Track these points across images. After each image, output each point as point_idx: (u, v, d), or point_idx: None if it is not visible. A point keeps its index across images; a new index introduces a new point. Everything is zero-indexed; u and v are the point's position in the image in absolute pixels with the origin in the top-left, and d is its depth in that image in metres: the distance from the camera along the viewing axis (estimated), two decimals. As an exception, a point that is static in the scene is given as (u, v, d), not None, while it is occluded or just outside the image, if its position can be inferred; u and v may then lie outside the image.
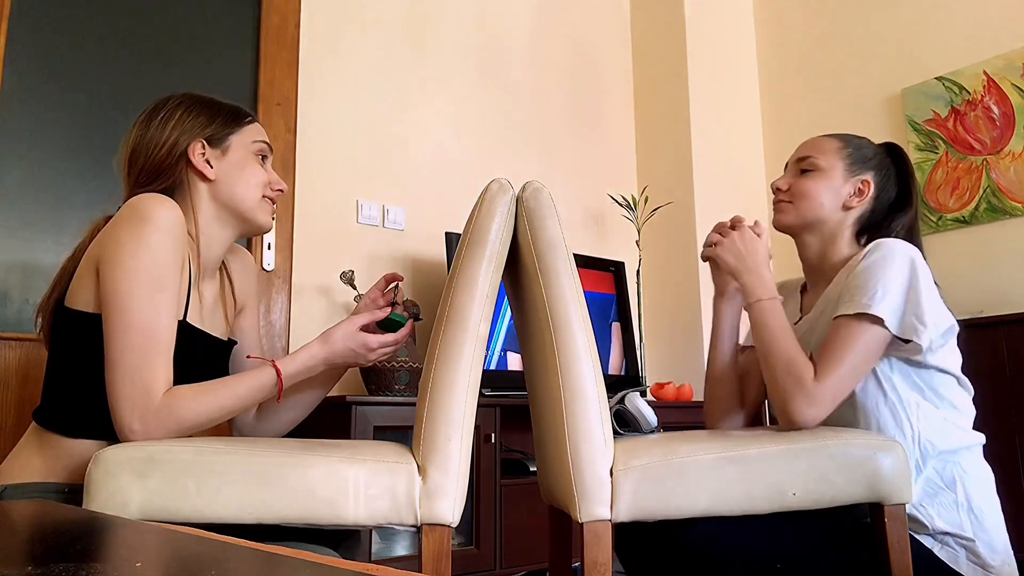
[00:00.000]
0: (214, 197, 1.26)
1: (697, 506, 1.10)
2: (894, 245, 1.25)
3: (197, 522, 0.98)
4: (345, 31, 2.92)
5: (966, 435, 1.28)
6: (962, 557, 1.20)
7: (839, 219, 1.40)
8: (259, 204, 1.29)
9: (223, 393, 1.15)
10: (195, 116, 1.26)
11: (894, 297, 1.20)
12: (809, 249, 1.44)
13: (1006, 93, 3.04)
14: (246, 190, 1.27)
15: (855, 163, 1.41)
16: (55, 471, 1.13)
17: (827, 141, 1.44)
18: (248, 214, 1.29)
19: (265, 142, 1.32)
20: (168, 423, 1.08)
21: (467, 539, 2.42)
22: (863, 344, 1.20)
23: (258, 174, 1.29)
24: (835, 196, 1.40)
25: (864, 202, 1.40)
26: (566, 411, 1.11)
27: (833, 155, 1.41)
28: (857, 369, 1.21)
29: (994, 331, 2.60)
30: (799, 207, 1.41)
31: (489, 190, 1.17)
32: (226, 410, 1.16)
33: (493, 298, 1.16)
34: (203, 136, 1.25)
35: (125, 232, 1.11)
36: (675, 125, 3.63)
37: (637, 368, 3.24)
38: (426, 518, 1.07)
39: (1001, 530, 1.24)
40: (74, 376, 1.16)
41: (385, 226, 2.90)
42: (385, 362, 2.43)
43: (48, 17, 2.31)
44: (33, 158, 2.22)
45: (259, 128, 1.33)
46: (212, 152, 1.26)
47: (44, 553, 0.52)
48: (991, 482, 1.28)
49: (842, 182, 1.40)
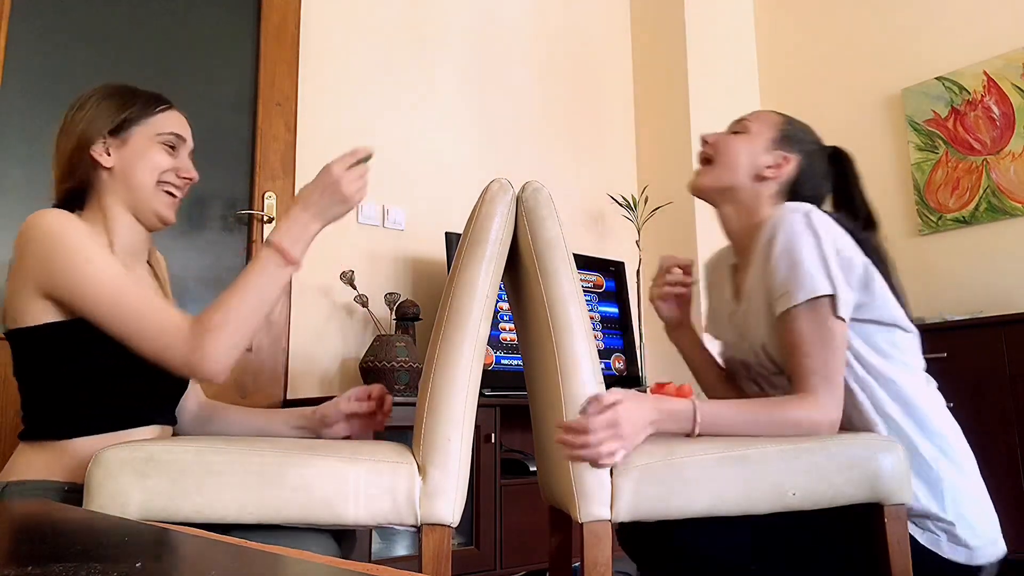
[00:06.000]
0: (113, 188, 1.25)
1: (697, 506, 1.10)
2: (789, 218, 1.22)
3: (197, 522, 0.98)
4: (345, 31, 2.92)
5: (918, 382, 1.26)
6: (943, 541, 1.18)
7: (754, 191, 1.36)
8: (153, 192, 1.25)
9: (238, 285, 1.16)
10: (103, 108, 1.25)
11: (820, 267, 1.19)
12: (729, 222, 1.40)
13: (1006, 93, 3.04)
14: (141, 176, 1.24)
15: (785, 138, 1.38)
16: (55, 471, 1.14)
17: (770, 114, 1.43)
18: (141, 203, 1.25)
19: (174, 133, 1.28)
20: (213, 336, 1.11)
21: (467, 539, 2.42)
22: (826, 329, 1.19)
23: (154, 161, 1.25)
24: (752, 161, 1.36)
25: (780, 179, 1.36)
26: (566, 411, 1.11)
27: (767, 124, 1.39)
28: (837, 354, 1.19)
29: (994, 331, 2.61)
30: (716, 168, 1.38)
31: (489, 190, 1.17)
32: (252, 297, 1.16)
33: (493, 298, 1.16)
34: (108, 128, 1.24)
35: (47, 258, 1.12)
36: (675, 125, 3.63)
37: (637, 368, 3.24)
38: (426, 518, 1.07)
39: (983, 509, 1.22)
40: (50, 384, 1.17)
41: (385, 226, 2.90)
42: (385, 362, 2.44)
43: (48, 17, 2.31)
44: (33, 158, 2.22)
45: (171, 118, 1.29)
46: (112, 142, 1.24)
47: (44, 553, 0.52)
48: (971, 460, 1.25)
49: (763, 151, 1.37)
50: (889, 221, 3.31)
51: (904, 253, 3.27)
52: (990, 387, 2.57)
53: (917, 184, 3.25)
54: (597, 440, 1.07)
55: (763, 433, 1.17)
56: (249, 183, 2.61)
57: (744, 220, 1.38)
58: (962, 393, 2.60)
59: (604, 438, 1.08)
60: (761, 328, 1.30)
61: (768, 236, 1.25)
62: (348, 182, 1.22)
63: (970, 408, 2.58)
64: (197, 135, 1.34)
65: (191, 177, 1.30)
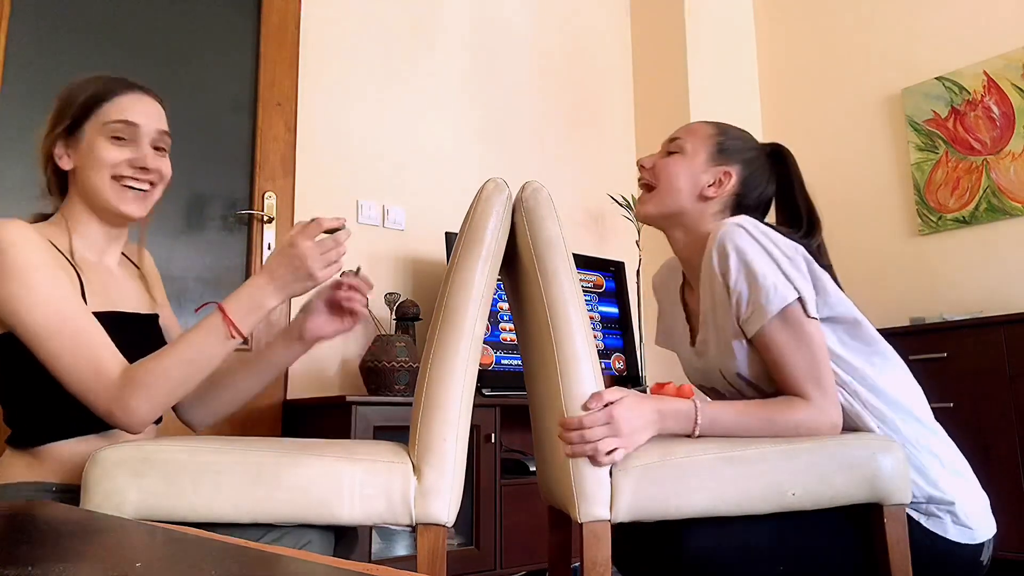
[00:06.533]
0: (76, 189, 1.21)
1: (696, 506, 1.10)
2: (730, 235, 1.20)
3: (193, 521, 0.98)
4: (345, 31, 2.92)
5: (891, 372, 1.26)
6: (948, 522, 1.18)
7: (698, 211, 1.33)
8: (110, 188, 1.18)
9: (177, 347, 1.09)
10: (60, 106, 1.22)
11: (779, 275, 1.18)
12: (677, 244, 1.38)
13: (1006, 93, 3.04)
14: (92, 176, 1.18)
15: (721, 152, 1.35)
16: (41, 473, 1.13)
17: (702, 126, 1.40)
18: (99, 202, 1.19)
19: (121, 120, 1.19)
20: (139, 392, 1.06)
21: (467, 539, 2.42)
22: (804, 332, 1.18)
23: (100, 156, 1.18)
24: (693, 183, 1.33)
25: (723, 195, 1.34)
26: (566, 411, 1.11)
27: (701, 140, 1.36)
28: (820, 354, 1.19)
29: (994, 331, 2.60)
30: (658, 193, 1.35)
31: (485, 190, 1.17)
32: (187, 362, 1.09)
33: (489, 298, 1.15)
34: (62, 127, 1.20)
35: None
36: (675, 125, 3.60)
37: (637, 368, 3.24)
38: (421, 518, 1.07)
39: (972, 487, 1.22)
40: (22, 391, 1.15)
41: (385, 226, 2.90)
42: (385, 362, 2.43)
43: (48, 17, 2.32)
44: (34, 158, 2.22)
45: (122, 104, 1.20)
46: (69, 141, 1.20)
47: (44, 553, 0.52)
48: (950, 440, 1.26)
49: (702, 170, 1.34)
50: (889, 221, 3.33)
51: (904, 253, 3.27)
52: (990, 387, 2.57)
53: (917, 184, 3.25)
54: (594, 436, 1.08)
55: (764, 435, 1.17)
56: (249, 183, 2.61)
57: (692, 239, 1.36)
58: (962, 393, 2.60)
59: (602, 435, 1.08)
60: (729, 357, 1.28)
61: (710, 258, 1.23)
62: (314, 258, 1.11)
63: (970, 408, 2.58)
64: (197, 135, 1.34)
65: (145, 167, 1.20)
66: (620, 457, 1.09)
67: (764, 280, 1.18)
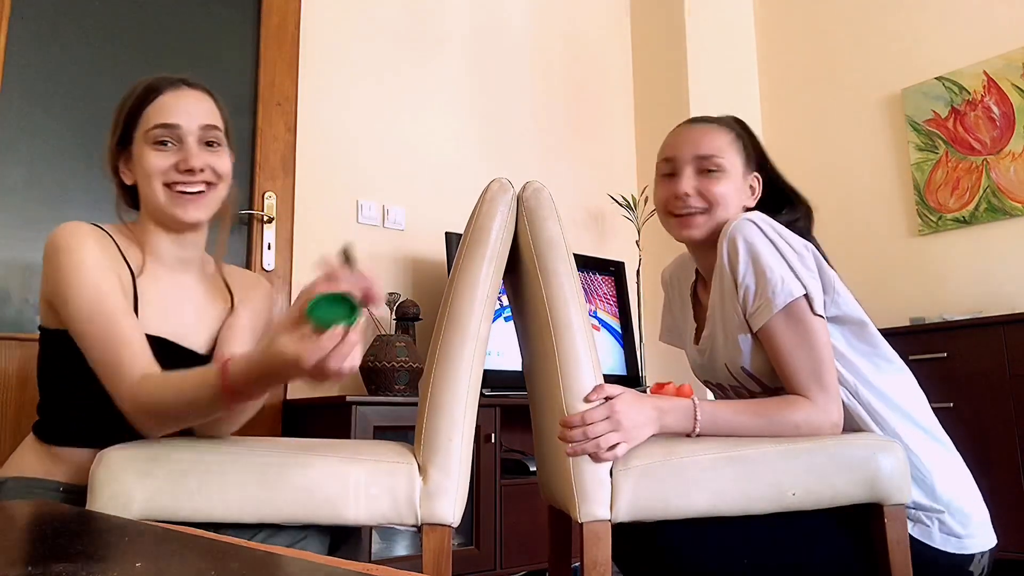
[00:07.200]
0: (142, 202, 1.21)
1: (697, 506, 1.10)
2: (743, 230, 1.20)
3: (198, 521, 0.98)
4: (345, 31, 2.92)
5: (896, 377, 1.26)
6: (935, 530, 1.18)
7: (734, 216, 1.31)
8: (163, 196, 1.15)
9: (173, 380, 1.01)
10: (112, 125, 1.21)
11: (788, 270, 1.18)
12: (708, 258, 1.33)
13: (1006, 93, 3.04)
14: (145, 188, 1.17)
15: (748, 158, 1.35)
16: (53, 471, 1.14)
17: (719, 134, 1.35)
18: (158, 213, 1.18)
19: (159, 124, 1.15)
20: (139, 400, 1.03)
21: (467, 539, 2.42)
22: (808, 329, 1.18)
23: (150, 165, 1.15)
24: (739, 197, 1.33)
25: (756, 198, 1.36)
26: (566, 411, 1.11)
27: (731, 151, 1.33)
28: (824, 353, 1.18)
29: (994, 331, 2.60)
30: (714, 216, 1.30)
31: (490, 190, 1.17)
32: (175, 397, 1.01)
33: (494, 298, 1.16)
34: (115, 145, 1.20)
35: (51, 269, 1.11)
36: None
37: (637, 368, 3.24)
38: (426, 518, 1.07)
39: (972, 498, 1.21)
40: (57, 390, 1.18)
41: (385, 226, 2.90)
42: (385, 362, 2.43)
43: (48, 17, 2.31)
44: (34, 158, 2.22)
45: (158, 107, 1.16)
46: (124, 155, 1.20)
47: (44, 553, 0.52)
48: (954, 449, 1.25)
49: (743, 182, 1.34)
50: (889, 221, 3.33)
51: (904, 253, 3.27)
52: (990, 387, 2.57)
53: (917, 184, 3.25)
54: (595, 432, 1.08)
55: (764, 434, 1.17)
56: (249, 183, 2.61)
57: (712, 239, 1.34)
58: (962, 393, 2.60)
59: (602, 430, 1.08)
60: (735, 352, 1.28)
61: (721, 251, 1.23)
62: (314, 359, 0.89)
63: (970, 408, 2.58)
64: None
65: (192, 168, 1.14)
66: (622, 452, 1.09)
67: (772, 274, 1.18)
